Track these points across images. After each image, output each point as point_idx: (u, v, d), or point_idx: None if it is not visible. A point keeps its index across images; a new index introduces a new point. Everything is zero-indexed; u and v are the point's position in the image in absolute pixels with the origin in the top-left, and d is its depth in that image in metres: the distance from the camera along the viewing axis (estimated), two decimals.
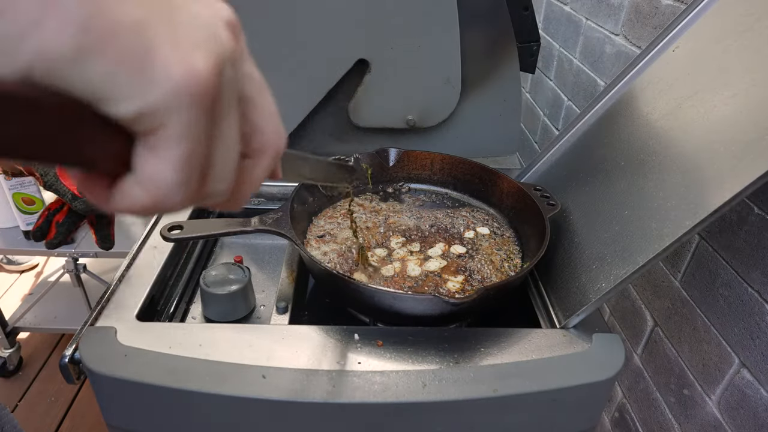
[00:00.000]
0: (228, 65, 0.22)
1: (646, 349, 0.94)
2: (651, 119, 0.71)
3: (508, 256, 0.76)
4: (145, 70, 0.19)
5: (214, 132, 0.22)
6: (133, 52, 0.19)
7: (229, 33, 0.23)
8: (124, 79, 0.19)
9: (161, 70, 0.19)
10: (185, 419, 0.57)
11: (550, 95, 1.41)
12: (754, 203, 0.69)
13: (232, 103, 0.23)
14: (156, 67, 0.19)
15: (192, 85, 0.20)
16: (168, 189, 0.21)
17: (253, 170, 0.26)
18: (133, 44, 0.19)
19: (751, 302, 0.69)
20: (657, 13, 0.93)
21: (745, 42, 0.62)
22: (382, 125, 0.99)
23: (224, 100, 0.22)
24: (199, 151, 0.21)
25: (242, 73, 0.24)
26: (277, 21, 0.87)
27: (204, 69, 0.20)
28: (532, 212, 0.75)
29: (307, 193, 0.80)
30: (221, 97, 0.22)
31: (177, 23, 0.20)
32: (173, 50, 0.20)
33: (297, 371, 0.55)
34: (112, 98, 0.19)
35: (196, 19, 0.21)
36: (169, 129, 0.20)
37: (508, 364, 0.58)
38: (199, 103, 0.20)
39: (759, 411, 0.69)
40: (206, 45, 0.21)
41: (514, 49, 0.96)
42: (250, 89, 0.25)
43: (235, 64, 0.23)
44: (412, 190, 0.91)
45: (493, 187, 0.86)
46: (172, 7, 0.21)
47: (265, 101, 0.26)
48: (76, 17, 0.17)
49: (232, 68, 0.23)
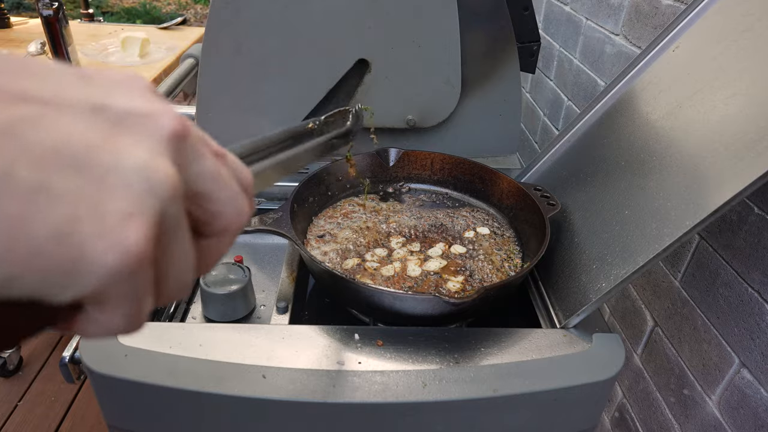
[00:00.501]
0: (169, 206, 0.21)
1: (646, 349, 0.94)
2: (651, 119, 0.71)
3: (508, 256, 0.76)
4: (75, 269, 0.18)
5: (162, 261, 0.21)
6: (60, 260, 0.18)
7: (167, 160, 0.21)
8: (56, 281, 0.18)
9: (92, 263, 0.19)
10: (185, 419, 0.57)
11: (550, 95, 1.41)
12: (754, 203, 0.69)
13: (179, 228, 0.22)
14: (86, 262, 0.18)
15: (126, 263, 0.19)
16: (123, 329, 0.21)
17: (216, 247, 0.26)
18: (59, 254, 0.18)
19: (751, 302, 0.69)
20: (657, 13, 0.93)
21: (746, 42, 0.62)
22: (382, 125, 0.99)
23: (169, 233, 0.21)
24: (147, 295, 0.21)
25: (195, 175, 0.23)
26: (278, 21, 0.87)
27: (137, 242, 0.19)
28: (532, 212, 0.75)
29: (308, 193, 0.80)
30: (165, 232, 0.21)
31: (103, 200, 0.19)
32: (102, 240, 0.19)
33: (297, 371, 0.55)
34: (49, 295, 0.19)
35: (127, 173, 0.19)
36: (112, 299, 0.20)
37: (508, 364, 0.58)
38: (137, 271, 0.20)
39: (759, 411, 0.69)
40: (139, 207, 0.19)
41: (514, 49, 0.96)
42: (204, 185, 0.23)
43: (176, 196, 0.21)
44: (413, 190, 0.91)
45: (493, 187, 0.86)
46: (101, 176, 0.19)
47: (222, 189, 0.24)
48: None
49: (174, 203, 0.21)
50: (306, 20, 0.87)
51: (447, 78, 0.94)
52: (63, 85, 0.20)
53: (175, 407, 0.56)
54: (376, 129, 0.99)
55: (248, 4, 0.85)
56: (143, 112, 0.21)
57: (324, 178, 0.84)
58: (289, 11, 0.86)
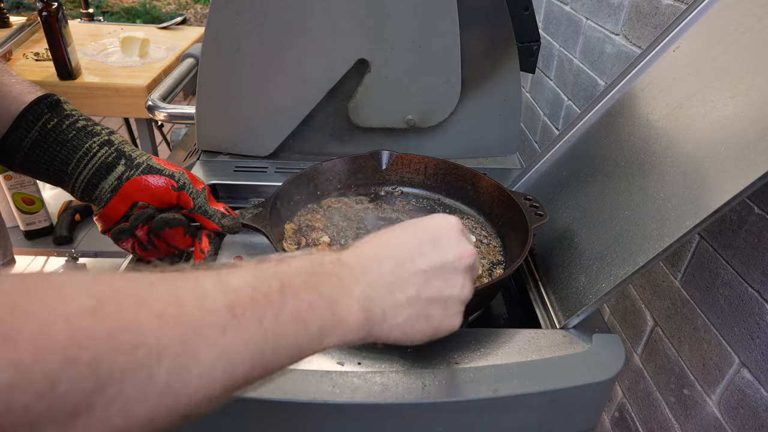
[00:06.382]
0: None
1: (646, 349, 0.94)
2: (651, 119, 0.71)
3: (492, 266, 0.75)
4: (437, 334, 0.46)
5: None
6: (429, 335, 0.45)
7: (470, 282, 0.48)
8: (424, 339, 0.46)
9: (443, 331, 0.46)
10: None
11: (550, 95, 1.41)
12: (754, 203, 0.69)
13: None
14: (440, 332, 0.46)
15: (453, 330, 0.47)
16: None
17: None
18: (432, 334, 0.46)
19: (751, 302, 0.69)
20: (657, 13, 0.93)
21: (746, 42, 0.62)
22: (382, 125, 0.99)
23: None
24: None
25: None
26: (278, 21, 0.87)
27: (459, 323, 0.47)
28: (519, 222, 0.73)
29: (295, 191, 0.79)
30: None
31: (450, 311, 0.46)
32: (449, 324, 0.46)
33: (297, 371, 0.55)
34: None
35: (460, 299, 0.47)
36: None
37: (508, 364, 0.58)
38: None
39: (759, 411, 0.69)
40: (460, 309, 0.47)
41: (514, 49, 0.96)
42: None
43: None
44: (404, 194, 0.89)
45: (484, 194, 0.84)
46: (448, 303, 0.46)
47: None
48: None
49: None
50: (306, 20, 0.87)
51: (447, 78, 0.94)
52: (428, 253, 0.43)
53: None
54: (376, 129, 1.00)
55: (248, 4, 0.85)
56: (458, 257, 0.44)
57: (313, 177, 0.83)
58: (289, 11, 0.86)
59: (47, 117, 0.58)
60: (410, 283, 0.41)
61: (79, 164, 0.60)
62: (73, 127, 0.60)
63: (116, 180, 0.61)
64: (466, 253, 0.45)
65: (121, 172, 0.61)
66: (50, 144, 0.58)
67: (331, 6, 0.86)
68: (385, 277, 0.41)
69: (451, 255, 0.44)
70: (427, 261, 0.43)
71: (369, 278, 0.40)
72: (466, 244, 0.46)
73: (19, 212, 1.58)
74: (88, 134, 0.60)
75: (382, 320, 0.40)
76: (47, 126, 0.58)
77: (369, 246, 0.43)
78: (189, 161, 0.98)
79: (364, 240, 0.44)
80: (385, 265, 0.41)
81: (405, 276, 0.41)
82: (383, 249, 0.42)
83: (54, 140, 0.59)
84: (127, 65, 1.67)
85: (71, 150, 0.59)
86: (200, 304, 0.30)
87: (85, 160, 0.60)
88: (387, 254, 0.42)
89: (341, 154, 0.87)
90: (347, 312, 0.38)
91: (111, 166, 0.61)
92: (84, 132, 0.60)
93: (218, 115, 0.95)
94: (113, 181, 0.61)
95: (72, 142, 0.59)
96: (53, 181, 0.61)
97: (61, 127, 0.59)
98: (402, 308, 0.41)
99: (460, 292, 0.45)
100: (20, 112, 0.57)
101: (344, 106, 0.97)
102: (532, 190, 0.87)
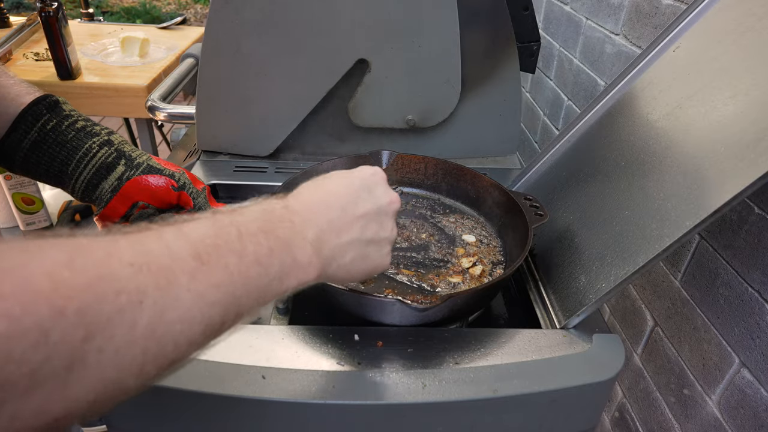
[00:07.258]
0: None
1: (646, 349, 0.94)
2: (651, 119, 0.70)
3: (492, 266, 0.75)
4: (375, 272, 0.52)
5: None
6: (368, 273, 0.51)
7: (394, 223, 0.53)
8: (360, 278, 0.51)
9: (379, 269, 0.52)
10: (185, 419, 0.57)
11: (550, 95, 1.41)
12: (754, 203, 0.69)
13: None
14: (378, 269, 0.52)
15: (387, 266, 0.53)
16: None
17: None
18: (369, 271, 0.51)
19: (751, 302, 0.69)
20: (657, 13, 0.93)
21: (746, 42, 0.62)
22: (382, 125, 0.99)
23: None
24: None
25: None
26: (278, 21, 0.87)
27: (389, 260, 0.53)
28: (519, 222, 0.73)
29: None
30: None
31: (383, 251, 0.52)
32: (383, 262, 0.52)
33: (297, 372, 0.55)
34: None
35: (389, 240, 0.53)
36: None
37: (508, 364, 0.58)
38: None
39: (759, 411, 0.69)
40: (390, 249, 0.53)
41: (514, 49, 0.96)
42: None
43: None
44: (404, 194, 0.89)
45: (484, 194, 0.84)
46: (382, 244, 0.51)
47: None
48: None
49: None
50: (306, 20, 0.87)
51: (447, 78, 0.94)
52: (365, 200, 0.49)
53: (174, 407, 0.56)
54: (376, 129, 0.99)
55: (248, 4, 0.85)
56: (389, 202, 0.50)
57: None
58: (289, 11, 0.86)
59: (46, 118, 0.58)
60: (353, 227, 0.47)
61: (79, 165, 0.60)
62: (72, 127, 0.60)
63: (116, 180, 0.61)
64: (394, 198, 0.51)
65: (121, 172, 0.61)
66: (50, 145, 0.58)
67: (331, 6, 0.86)
68: (333, 221, 0.45)
69: (383, 200, 0.50)
70: (365, 206, 0.48)
71: (319, 222, 0.44)
72: (392, 191, 0.52)
73: (19, 212, 1.58)
74: (87, 134, 0.60)
75: (331, 261, 0.45)
76: (46, 127, 0.58)
77: (311, 192, 0.47)
78: (189, 161, 0.98)
79: (303, 186, 0.48)
80: (333, 211, 0.46)
81: (349, 220, 0.46)
82: (327, 195, 0.47)
83: (53, 141, 0.58)
84: (127, 65, 1.67)
85: (71, 150, 0.59)
86: (167, 252, 0.32)
87: (85, 160, 0.60)
88: (332, 201, 0.46)
89: (341, 154, 0.87)
90: (302, 254, 0.41)
91: (111, 166, 0.61)
92: (83, 132, 0.60)
93: (218, 115, 0.95)
94: (113, 181, 0.61)
95: (72, 142, 0.59)
96: (53, 182, 0.61)
97: (60, 128, 0.59)
98: (347, 249, 0.46)
99: (390, 233, 0.51)
100: (19, 113, 0.57)
101: (344, 106, 0.97)
102: (532, 190, 0.87)
